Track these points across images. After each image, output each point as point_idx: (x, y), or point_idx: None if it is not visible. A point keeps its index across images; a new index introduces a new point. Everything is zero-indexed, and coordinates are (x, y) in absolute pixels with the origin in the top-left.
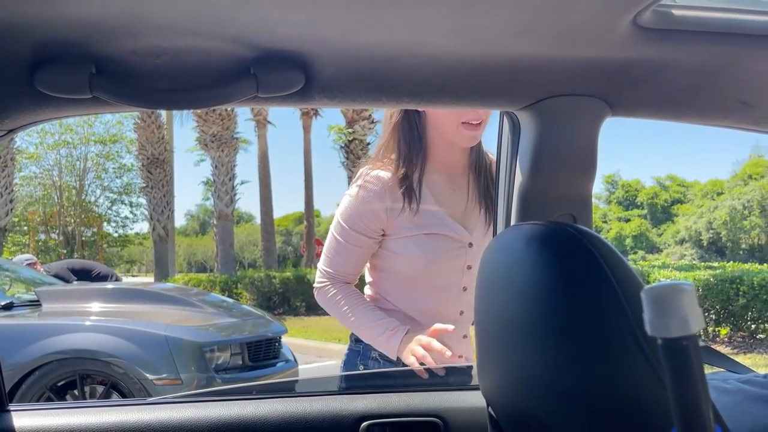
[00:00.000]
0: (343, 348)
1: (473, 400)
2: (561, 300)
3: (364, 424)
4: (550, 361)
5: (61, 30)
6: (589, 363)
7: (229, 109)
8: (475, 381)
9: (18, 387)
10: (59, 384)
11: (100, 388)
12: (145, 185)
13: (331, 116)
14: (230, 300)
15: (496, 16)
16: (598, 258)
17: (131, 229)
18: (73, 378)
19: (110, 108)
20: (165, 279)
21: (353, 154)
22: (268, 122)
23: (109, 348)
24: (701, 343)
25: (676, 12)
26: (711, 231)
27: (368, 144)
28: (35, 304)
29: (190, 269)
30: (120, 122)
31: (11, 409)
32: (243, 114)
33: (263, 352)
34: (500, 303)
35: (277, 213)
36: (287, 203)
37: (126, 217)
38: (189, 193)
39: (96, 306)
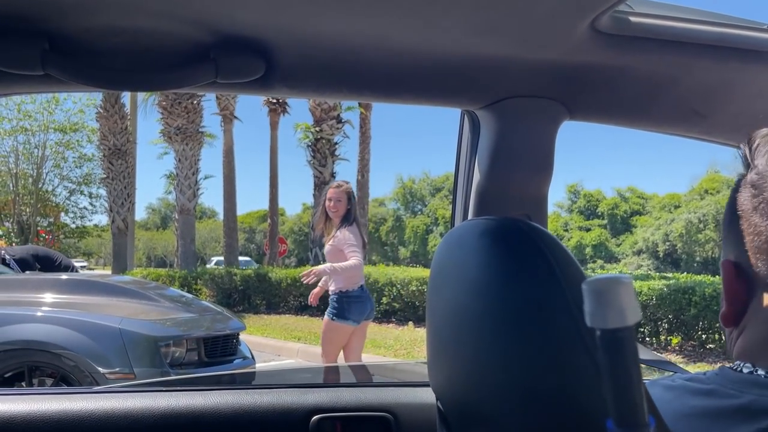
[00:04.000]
0: (302, 346)
1: (425, 396)
2: (508, 293)
3: (315, 417)
4: (496, 355)
5: (14, 2)
6: (533, 355)
7: (194, 101)
8: (427, 377)
9: None
10: (6, 375)
11: (49, 381)
12: (105, 176)
13: (299, 114)
14: (189, 295)
15: (458, 13)
16: (545, 252)
17: (90, 220)
18: (21, 370)
19: (63, 87)
20: (123, 272)
21: (320, 153)
22: (235, 117)
23: (60, 340)
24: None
25: (633, 19)
26: (667, 243)
27: (335, 143)
28: None
29: (149, 264)
30: (82, 111)
31: None
32: (209, 108)
33: (220, 349)
34: (451, 297)
35: (241, 210)
36: (251, 201)
37: (84, 208)
38: (151, 187)
39: (48, 296)
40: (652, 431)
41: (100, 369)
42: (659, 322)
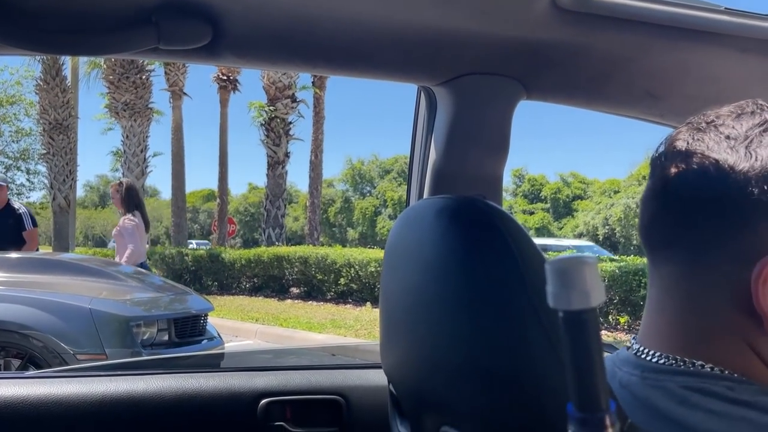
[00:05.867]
0: (259, 327)
1: (377, 378)
2: (464, 273)
3: (263, 401)
4: (451, 336)
5: None
6: (489, 337)
7: (143, 76)
8: (379, 359)
9: None
10: None
11: (16, 362)
12: (46, 152)
13: (251, 92)
14: (149, 273)
15: None
16: (503, 232)
17: (27, 197)
18: None
19: None
20: (67, 252)
21: (274, 132)
22: (184, 93)
23: (27, 320)
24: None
25: None
26: (606, 227)
27: (290, 123)
28: None
29: (86, 243)
30: (19, 83)
31: None
32: (158, 83)
33: (189, 329)
34: (405, 277)
35: (194, 187)
36: (195, 180)
37: (22, 185)
38: (89, 163)
39: (13, 275)
40: (613, 416)
41: (70, 350)
42: (609, 302)
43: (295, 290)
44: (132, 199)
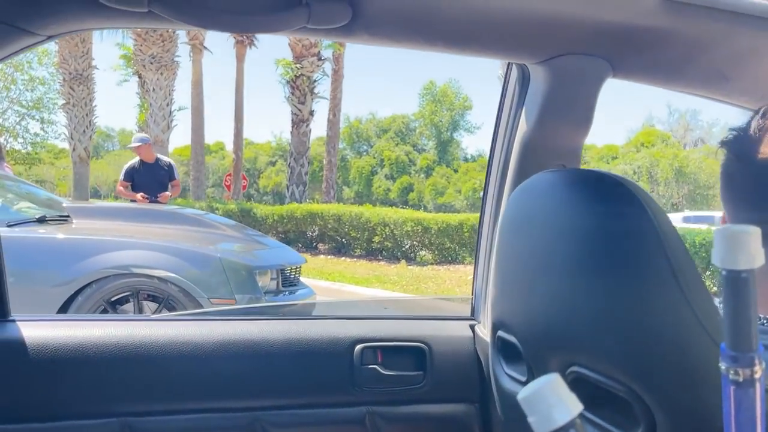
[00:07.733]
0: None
1: (456, 328)
2: (605, 239)
3: (359, 346)
4: (589, 290)
5: None
6: (628, 293)
7: (170, 30)
8: (458, 313)
9: (74, 299)
10: (113, 299)
11: (153, 306)
12: (66, 102)
13: (272, 49)
14: (242, 225)
15: None
16: (641, 202)
17: (42, 147)
18: (128, 293)
19: (163, 24)
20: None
21: (299, 90)
22: (204, 48)
23: (167, 266)
24: None
25: None
26: None
27: (315, 81)
28: (64, 219)
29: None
30: None
31: (15, 318)
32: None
33: (290, 280)
34: (531, 241)
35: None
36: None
37: (36, 134)
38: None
39: (145, 226)
40: (761, 356)
41: (204, 295)
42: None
43: (323, 246)
44: None
